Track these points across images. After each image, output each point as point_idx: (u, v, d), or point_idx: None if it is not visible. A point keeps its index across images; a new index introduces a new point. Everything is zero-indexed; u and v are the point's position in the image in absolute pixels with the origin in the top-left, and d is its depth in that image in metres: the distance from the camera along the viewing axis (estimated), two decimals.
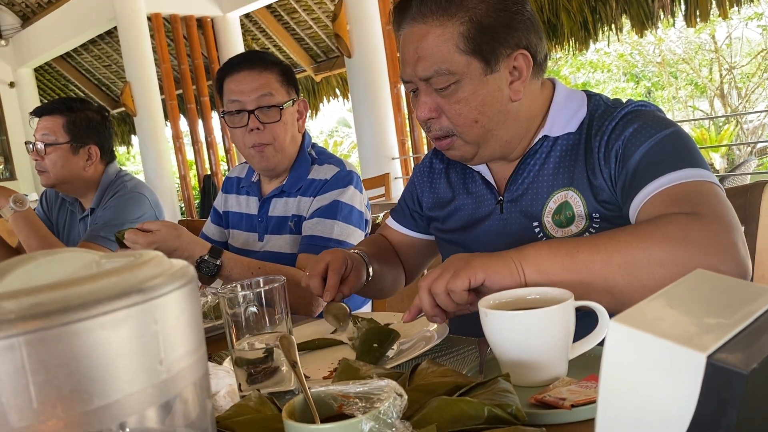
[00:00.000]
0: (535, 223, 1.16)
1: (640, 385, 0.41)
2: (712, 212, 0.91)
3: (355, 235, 1.67)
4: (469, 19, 1.08)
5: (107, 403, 0.29)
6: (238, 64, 1.70)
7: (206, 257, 1.49)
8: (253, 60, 1.71)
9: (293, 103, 1.73)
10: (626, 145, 1.08)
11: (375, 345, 1.01)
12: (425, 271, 1.54)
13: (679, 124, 1.09)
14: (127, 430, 0.31)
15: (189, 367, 0.34)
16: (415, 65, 1.12)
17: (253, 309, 0.86)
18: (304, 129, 1.79)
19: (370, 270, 1.29)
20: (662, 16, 5.79)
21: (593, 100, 1.19)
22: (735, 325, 0.41)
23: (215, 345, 1.23)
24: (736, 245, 0.88)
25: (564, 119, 1.17)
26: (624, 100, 1.17)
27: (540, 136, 1.17)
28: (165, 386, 0.32)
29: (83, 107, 2.32)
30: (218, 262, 1.49)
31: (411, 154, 6.27)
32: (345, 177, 1.71)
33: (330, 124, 23.94)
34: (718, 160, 14.35)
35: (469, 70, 1.09)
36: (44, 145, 2.23)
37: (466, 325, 1.11)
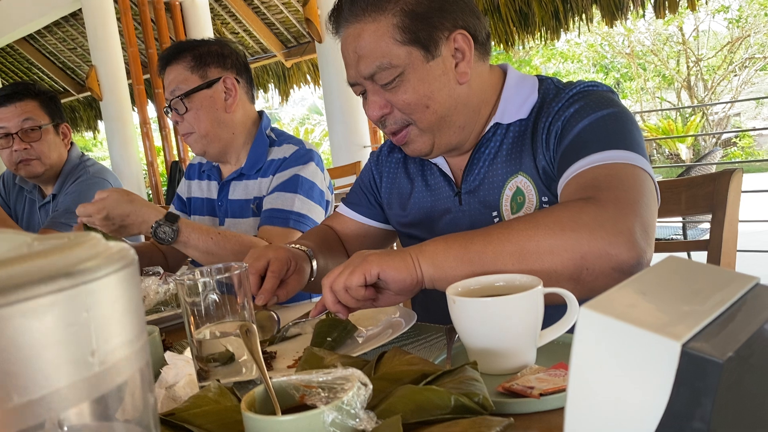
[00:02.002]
0: (494, 213, 1.15)
1: (612, 374, 0.39)
2: (613, 197, 0.91)
3: (316, 212, 1.64)
4: (401, 9, 1.07)
5: (29, 399, 0.26)
6: (160, 60, 1.74)
7: (161, 222, 1.44)
8: (166, 56, 1.72)
9: (210, 85, 1.68)
10: (565, 125, 1.07)
11: (329, 339, 0.99)
12: None
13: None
14: (63, 429, 0.28)
15: (126, 358, 0.31)
16: (357, 65, 1.11)
17: (214, 297, 0.83)
18: (234, 108, 1.73)
19: (314, 266, 1.23)
20: (632, 8, 5.83)
21: (544, 84, 1.18)
22: (709, 313, 0.39)
23: (176, 334, 1.19)
24: (630, 230, 0.87)
25: (515, 105, 1.15)
26: (574, 82, 1.16)
27: (492, 123, 1.15)
28: (98, 380, 0.29)
29: (43, 88, 2.26)
30: (175, 227, 1.44)
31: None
32: (305, 154, 1.70)
33: (301, 110, 23.76)
34: (684, 151, 14.60)
35: (410, 60, 1.08)
36: (30, 131, 2.15)
37: (433, 313, 1.09)
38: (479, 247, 0.90)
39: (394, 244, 1.52)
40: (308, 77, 9.05)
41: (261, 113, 1.82)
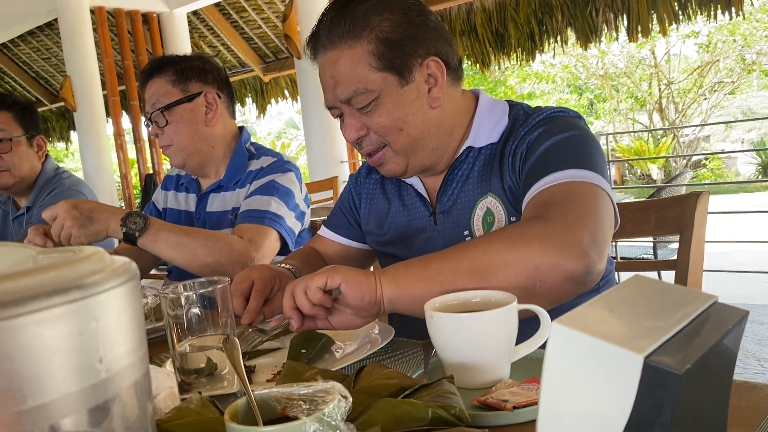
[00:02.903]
0: (466, 232, 1.19)
1: (581, 385, 0.42)
2: (562, 212, 0.95)
3: (290, 220, 1.66)
4: (376, 37, 1.11)
5: (42, 402, 0.28)
6: (142, 73, 1.77)
7: (131, 213, 1.42)
8: (149, 70, 1.74)
9: (191, 99, 1.71)
10: (529, 147, 1.12)
11: (303, 350, 1.00)
12: None
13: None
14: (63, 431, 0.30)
15: (130, 366, 0.33)
16: (334, 90, 1.14)
17: (196, 310, 0.84)
18: (214, 122, 1.75)
19: None
20: (606, 31, 5.97)
21: (514, 109, 1.23)
22: (671, 328, 0.42)
23: (156, 347, 1.20)
24: (579, 241, 0.90)
25: (487, 129, 1.20)
26: (543, 107, 1.20)
27: (465, 147, 1.20)
28: (104, 386, 0.31)
29: (19, 99, 2.25)
30: (145, 217, 1.42)
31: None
32: (283, 164, 1.73)
33: (278, 125, 23.76)
34: (655, 172, 14.87)
35: (385, 85, 1.12)
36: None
37: (411, 328, 1.12)
38: (437, 266, 0.93)
39: (372, 267, 1.54)
40: (286, 92, 9.07)
41: (242, 128, 1.85)
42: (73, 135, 10.98)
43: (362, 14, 1.11)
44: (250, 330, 1.16)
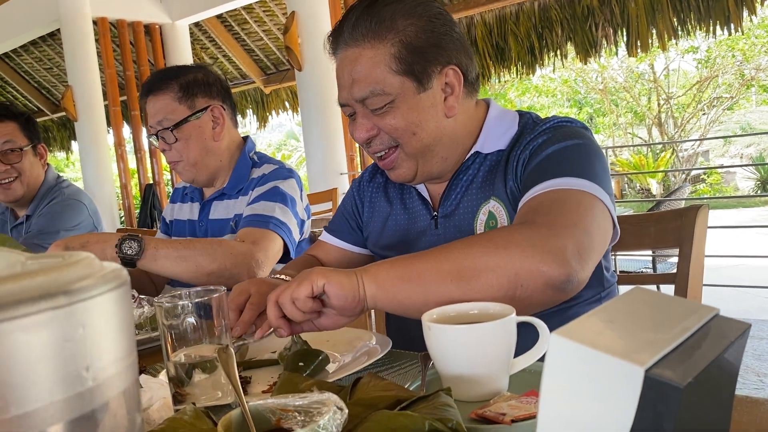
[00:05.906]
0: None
1: (580, 398, 0.41)
2: (548, 220, 0.95)
3: (293, 225, 1.66)
4: (400, 41, 1.11)
5: (25, 411, 0.27)
6: (144, 87, 1.76)
7: (125, 238, 1.40)
8: (151, 85, 1.73)
9: (199, 115, 1.71)
10: (532, 153, 1.12)
11: (301, 364, 0.99)
12: None
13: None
14: None
15: (118, 374, 0.32)
16: (351, 88, 1.14)
17: (191, 320, 0.83)
18: (222, 136, 1.76)
19: None
20: (605, 45, 5.99)
21: (524, 118, 1.23)
22: (672, 340, 0.42)
23: (150, 357, 1.19)
24: (562, 249, 0.90)
25: (496, 136, 1.20)
26: (551, 117, 1.20)
27: (472, 152, 1.20)
28: (91, 395, 0.30)
29: (22, 110, 2.28)
30: (140, 240, 1.40)
31: (360, 170, 6.28)
32: (286, 172, 1.74)
33: (278, 136, 23.84)
34: (655, 186, 14.89)
35: (403, 90, 1.12)
36: (10, 152, 2.16)
37: (408, 340, 1.11)
38: (420, 266, 0.93)
39: None
40: (286, 104, 9.09)
41: (246, 138, 1.86)
42: (74, 145, 10.99)
43: (389, 16, 1.11)
44: (235, 343, 1.15)
